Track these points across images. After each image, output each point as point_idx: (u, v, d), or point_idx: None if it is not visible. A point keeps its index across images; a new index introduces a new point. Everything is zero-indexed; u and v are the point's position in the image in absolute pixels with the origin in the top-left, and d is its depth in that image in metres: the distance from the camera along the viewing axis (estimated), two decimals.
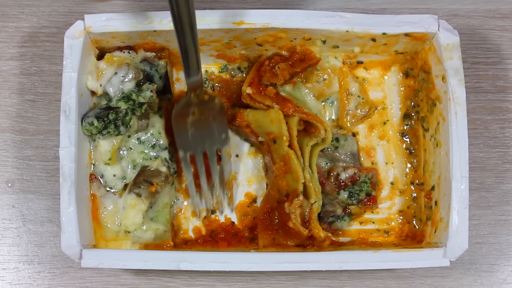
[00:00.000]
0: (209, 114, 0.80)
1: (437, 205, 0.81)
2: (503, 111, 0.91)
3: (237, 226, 0.87)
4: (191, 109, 0.78)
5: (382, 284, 0.88)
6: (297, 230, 0.78)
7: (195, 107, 0.78)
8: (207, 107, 0.79)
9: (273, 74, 0.82)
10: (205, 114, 0.80)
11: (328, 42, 0.83)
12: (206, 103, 0.79)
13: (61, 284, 0.87)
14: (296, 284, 0.88)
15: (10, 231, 0.88)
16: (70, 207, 0.75)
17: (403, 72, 0.89)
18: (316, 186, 0.81)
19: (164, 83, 0.83)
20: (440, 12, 0.92)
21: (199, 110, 0.79)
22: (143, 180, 0.81)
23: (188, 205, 0.88)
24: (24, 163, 0.89)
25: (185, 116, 0.79)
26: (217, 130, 0.82)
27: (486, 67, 0.91)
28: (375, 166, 0.89)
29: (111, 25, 0.77)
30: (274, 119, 0.81)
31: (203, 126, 0.80)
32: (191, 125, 0.80)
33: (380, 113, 0.89)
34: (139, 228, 0.81)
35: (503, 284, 0.88)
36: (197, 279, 0.87)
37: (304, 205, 0.80)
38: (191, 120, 0.79)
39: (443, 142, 0.79)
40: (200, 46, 0.84)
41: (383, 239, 0.87)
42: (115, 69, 0.80)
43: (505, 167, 0.90)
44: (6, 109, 0.90)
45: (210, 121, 0.81)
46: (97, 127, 0.78)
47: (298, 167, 0.80)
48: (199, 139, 0.81)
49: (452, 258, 0.75)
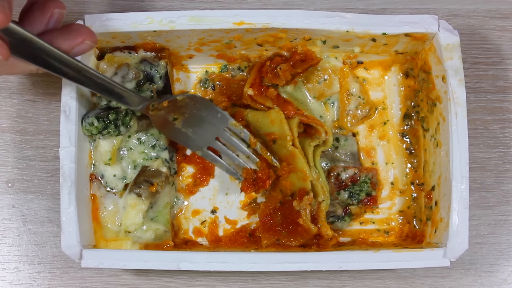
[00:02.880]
0: (188, 109, 0.80)
1: (437, 205, 0.81)
2: (503, 111, 0.91)
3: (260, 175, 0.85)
4: (169, 117, 0.79)
5: (382, 284, 0.88)
6: (307, 227, 0.79)
7: (169, 114, 0.79)
8: (178, 107, 0.79)
9: (274, 75, 0.82)
10: (185, 112, 0.80)
11: (328, 42, 0.83)
12: (174, 107, 0.79)
13: (61, 284, 0.87)
14: (296, 284, 0.88)
15: (10, 231, 0.88)
16: (70, 207, 0.75)
17: (403, 72, 0.89)
18: (323, 184, 0.82)
19: (164, 83, 0.83)
20: (440, 12, 0.92)
21: (176, 113, 0.79)
22: (143, 180, 0.81)
23: (188, 205, 0.88)
24: (24, 163, 0.89)
25: (171, 125, 0.79)
26: (210, 115, 0.82)
27: (486, 67, 0.91)
28: (375, 166, 0.89)
29: (111, 25, 0.77)
30: (275, 119, 0.81)
31: (196, 121, 0.81)
32: (184, 127, 0.80)
33: (380, 113, 0.89)
34: (139, 228, 0.81)
35: (503, 284, 0.88)
36: (197, 279, 0.87)
37: (311, 204, 0.80)
38: (179, 124, 0.80)
39: (443, 142, 0.79)
40: (200, 46, 0.84)
41: (383, 239, 0.87)
42: (115, 69, 0.80)
43: (505, 167, 0.90)
44: (6, 109, 0.90)
45: (197, 112, 0.81)
46: (97, 127, 0.78)
47: (304, 165, 0.80)
48: (203, 132, 0.82)
49: (452, 258, 0.75)
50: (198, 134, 0.82)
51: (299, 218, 0.79)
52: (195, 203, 0.88)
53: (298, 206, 0.79)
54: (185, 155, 0.88)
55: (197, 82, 0.90)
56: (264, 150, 0.82)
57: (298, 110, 0.83)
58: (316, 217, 0.81)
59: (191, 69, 0.90)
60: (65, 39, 0.66)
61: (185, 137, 0.82)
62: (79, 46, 0.67)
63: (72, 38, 0.66)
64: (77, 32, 0.67)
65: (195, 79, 0.90)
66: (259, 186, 0.82)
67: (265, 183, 0.81)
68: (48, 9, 0.67)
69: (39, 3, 0.68)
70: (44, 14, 0.67)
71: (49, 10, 0.67)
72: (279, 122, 0.81)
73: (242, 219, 0.88)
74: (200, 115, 0.81)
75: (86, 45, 0.67)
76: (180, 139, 0.82)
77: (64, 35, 0.66)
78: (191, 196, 0.88)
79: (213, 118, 0.82)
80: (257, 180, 0.82)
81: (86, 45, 0.67)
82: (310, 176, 0.80)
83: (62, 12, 0.68)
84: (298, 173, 0.81)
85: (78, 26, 0.68)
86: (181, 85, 0.90)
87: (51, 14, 0.67)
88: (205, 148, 0.83)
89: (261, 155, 0.83)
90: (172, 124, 0.80)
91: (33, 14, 0.67)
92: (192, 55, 0.87)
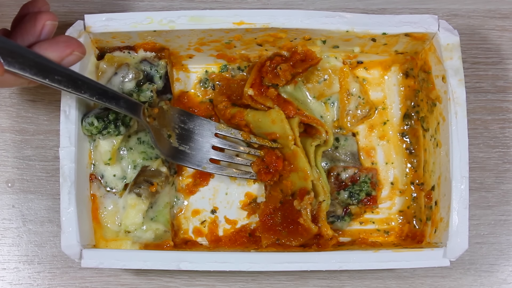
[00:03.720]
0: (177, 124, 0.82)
1: (437, 205, 0.81)
2: (503, 111, 0.91)
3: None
4: (163, 133, 0.80)
5: (382, 284, 0.88)
6: (307, 226, 0.79)
7: (162, 128, 0.80)
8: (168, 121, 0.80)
9: (275, 75, 0.82)
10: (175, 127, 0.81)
11: (328, 42, 0.83)
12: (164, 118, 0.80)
13: (61, 284, 0.87)
14: (296, 284, 0.88)
15: (10, 231, 0.88)
16: (70, 207, 0.75)
17: (403, 72, 0.89)
18: (324, 184, 0.82)
19: (164, 83, 0.83)
20: (440, 12, 0.92)
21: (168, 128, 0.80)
22: (143, 180, 0.81)
23: (188, 205, 0.88)
24: (24, 163, 0.89)
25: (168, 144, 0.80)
26: (197, 125, 0.83)
27: (486, 67, 0.91)
28: (375, 166, 0.89)
29: (111, 25, 0.77)
30: (276, 119, 0.81)
31: (187, 135, 0.82)
32: (180, 145, 0.82)
33: (380, 113, 0.89)
34: (139, 228, 0.81)
35: (503, 284, 0.88)
36: (197, 279, 0.87)
37: (312, 203, 0.80)
38: (175, 142, 0.81)
39: (443, 142, 0.80)
40: (200, 46, 0.84)
41: (383, 239, 0.87)
42: (115, 69, 0.80)
43: (505, 167, 0.90)
44: (6, 109, 0.90)
45: (185, 126, 0.82)
46: (97, 127, 0.78)
47: (306, 164, 0.80)
48: (198, 145, 0.82)
49: (452, 258, 0.75)
50: (194, 149, 0.82)
51: (300, 218, 0.79)
52: (195, 203, 0.88)
53: (299, 206, 0.79)
54: None
55: (197, 82, 0.90)
56: (260, 139, 0.83)
57: (298, 110, 0.83)
58: (316, 216, 0.81)
59: (191, 69, 0.90)
60: (54, 50, 0.66)
61: (185, 156, 0.82)
62: (68, 57, 0.67)
63: (60, 49, 0.67)
64: (66, 43, 0.67)
65: (195, 79, 0.90)
66: (274, 169, 0.82)
67: (278, 163, 0.82)
68: (40, 21, 0.67)
69: (30, 14, 0.68)
70: (36, 26, 0.67)
71: (41, 22, 0.67)
72: (280, 122, 0.81)
73: (242, 219, 0.88)
74: (188, 128, 0.82)
75: (75, 56, 0.68)
76: (184, 161, 0.82)
77: (53, 47, 0.66)
78: (191, 196, 0.88)
79: (200, 128, 0.83)
80: (269, 166, 0.82)
81: (75, 56, 0.68)
82: (311, 176, 0.80)
83: (54, 24, 0.68)
84: (299, 173, 0.81)
85: (66, 38, 0.68)
86: (181, 85, 0.90)
87: (43, 26, 0.67)
88: (207, 161, 0.83)
89: (259, 145, 0.83)
90: (169, 142, 0.81)
91: (25, 26, 0.67)
92: (192, 55, 0.87)
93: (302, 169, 0.80)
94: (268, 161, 0.82)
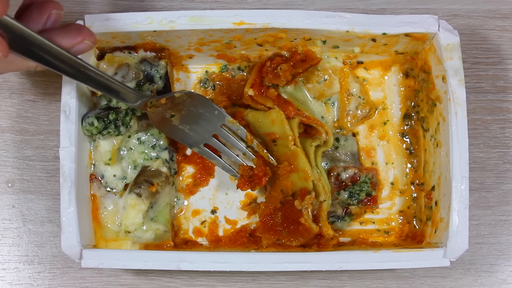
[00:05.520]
0: (186, 106, 0.80)
1: (437, 205, 0.81)
2: (503, 111, 0.91)
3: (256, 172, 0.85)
4: (166, 114, 0.79)
5: (382, 284, 0.88)
6: (308, 226, 0.79)
7: (167, 111, 0.79)
8: (176, 104, 0.79)
9: (275, 75, 0.82)
10: (183, 109, 0.80)
11: (328, 42, 0.83)
12: (172, 104, 0.79)
13: (61, 284, 0.87)
14: (296, 284, 0.88)
15: (10, 231, 0.88)
16: (70, 207, 0.75)
17: (403, 72, 0.89)
18: (325, 184, 0.82)
19: (165, 83, 0.83)
20: (440, 12, 0.92)
21: (173, 110, 0.79)
22: (143, 180, 0.81)
23: (188, 205, 0.88)
24: (24, 163, 0.89)
25: (168, 122, 0.79)
26: (208, 112, 0.82)
27: (486, 67, 0.91)
28: (375, 166, 0.89)
29: (111, 25, 0.77)
30: (276, 119, 0.81)
31: (193, 118, 0.81)
32: (181, 124, 0.80)
33: (380, 113, 0.89)
34: (139, 228, 0.81)
35: (503, 284, 0.88)
36: (197, 279, 0.87)
37: (313, 203, 0.80)
38: (176, 121, 0.80)
39: (443, 142, 0.80)
40: (200, 46, 0.84)
41: (383, 239, 0.87)
42: (115, 69, 0.80)
43: (505, 167, 0.90)
44: (6, 109, 0.90)
45: (194, 109, 0.81)
46: (97, 127, 0.78)
47: (306, 165, 0.80)
48: (200, 129, 0.82)
49: (452, 258, 0.75)
50: (195, 130, 0.82)
51: (301, 218, 0.79)
52: (195, 203, 0.88)
53: (300, 206, 0.79)
54: (185, 155, 0.88)
55: (197, 82, 0.90)
56: (260, 148, 0.82)
57: (298, 110, 0.83)
58: (317, 216, 0.81)
59: (191, 69, 0.90)
60: (65, 37, 0.66)
61: (182, 134, 0.82)
62: (79, 45, 0.67)
63: (72, 36, 0.67)
64: (77, 31, 0.67)
65: (195, 79, 0.90)
66: (255, 183, 0.82)
67: (261, 180, 0.81)
68: (46, 10, 0.67)
69: (37, 3, 0.68)
70: (42, 14, 0.67)
71: (47, 11, 0.67)
72: (280, 122, 0.81)
73: (242, 219, 0.88)
74: (197, 112, 0.81)
75: (85, 44, 0.67)
76: (177, 136, 0.82)
77: (64, 34, 0.66)
78: (191, 196, 0.88)
79: (210, 115, 0.82)
80: (254, 177, 0.82)
81: (85, 44, 0.67)
82: (312, 176, 0.80)
83: (60, 13, 0.68)
84: (300, 173, 0.81)
85: (78, 26, 0.68)
86: (181, 85, 0.90)
87: (49, 15, 0.67)
88: (202, 144, 0.83)
89: (257, 153, 0.83)
90: (169, 121, 0.80)
91: (30, 14, 0.67)
92: (192, 55, 0.87)
93: (302, 169, 0.80)
94: (255, 172, 0.82)
